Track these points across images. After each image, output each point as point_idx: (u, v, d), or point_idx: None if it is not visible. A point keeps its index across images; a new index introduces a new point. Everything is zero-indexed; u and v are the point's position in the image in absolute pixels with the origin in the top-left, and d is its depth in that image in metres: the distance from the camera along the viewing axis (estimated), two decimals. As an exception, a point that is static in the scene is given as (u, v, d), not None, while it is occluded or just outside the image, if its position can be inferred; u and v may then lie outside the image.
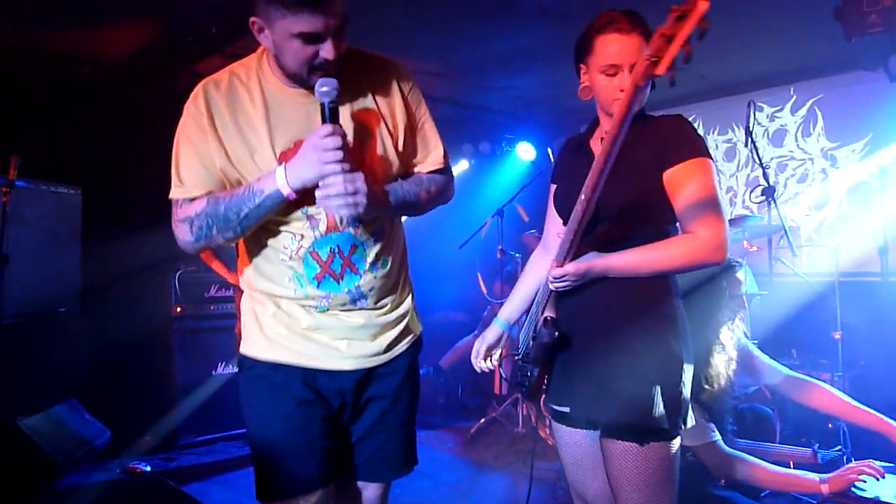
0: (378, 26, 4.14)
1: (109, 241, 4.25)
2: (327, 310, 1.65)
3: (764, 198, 3.68)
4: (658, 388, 1.60)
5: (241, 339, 1.74)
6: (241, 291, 1.77)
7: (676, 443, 1.65)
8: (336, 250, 1.63)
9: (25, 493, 3.32)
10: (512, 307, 2.08)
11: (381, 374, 1.73)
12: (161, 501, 2.53)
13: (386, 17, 3.97)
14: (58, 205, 4.15)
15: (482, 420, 4.89)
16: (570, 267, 1.63)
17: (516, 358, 1.96)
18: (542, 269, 1.89)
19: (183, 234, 1.61)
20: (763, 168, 3.72)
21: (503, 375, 5.23)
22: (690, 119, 6.09)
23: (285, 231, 1.63)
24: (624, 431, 1.62)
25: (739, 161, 5.82)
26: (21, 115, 4.30)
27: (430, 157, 1.79)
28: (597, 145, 1.81)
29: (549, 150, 5.04)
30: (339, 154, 1.47)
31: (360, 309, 1.68)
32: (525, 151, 6.31)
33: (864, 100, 5.05)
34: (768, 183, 3.64)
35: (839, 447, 2.79)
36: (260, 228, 1.63)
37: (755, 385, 2.70)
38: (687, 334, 1.71)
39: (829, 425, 3.90)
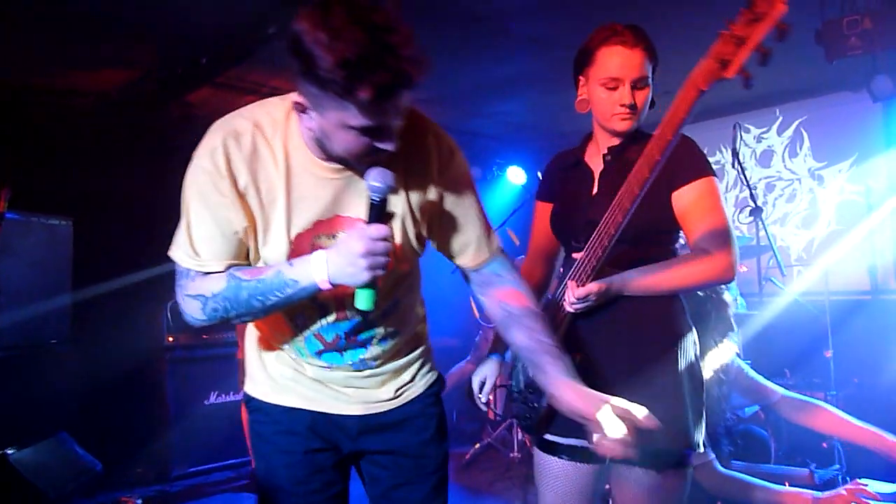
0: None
1: (100, 271, 4.25)
2: (331, 370, 1.52)
3: (752, 218, 3.71)
4: (691, 410, 1.60)
5: (242, 362, 1.67)
6: None
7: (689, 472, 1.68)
8: (343, 334, 1.47)
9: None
10: None
11: (392, 421, 1.56)
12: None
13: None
14: (49, 236, 4.15)
15: (477, 445, 4.85)
16: (594, 286, 1.57)
17: (514, 388, 1.84)
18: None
19: (193, 311, 1.37)
20: (751, 189, 3.75)
21: (494, 409, 5.21)
22: (678, 141, 6.07)
23: (292, 316, 1.45)
24: (663, 459, 1.58)
25: (728, 182, 5.87)
26: (11, 146, 4.31)
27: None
28: (594, 162, 1.77)
29: (540, 174, 5.07)
30: (388, 260, 1.26)
31: (367, 369, 1.53)
32: (516, 176, 6.35)
33: (849, 120, 5.12)
34: (756, 203, 3.67)
35: (836, 466, 2.79)
36: None
37: (752, 404, 2.70)
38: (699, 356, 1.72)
39: (824, 444, 3.89)
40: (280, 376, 1.54)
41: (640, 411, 1.29)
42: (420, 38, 1.17)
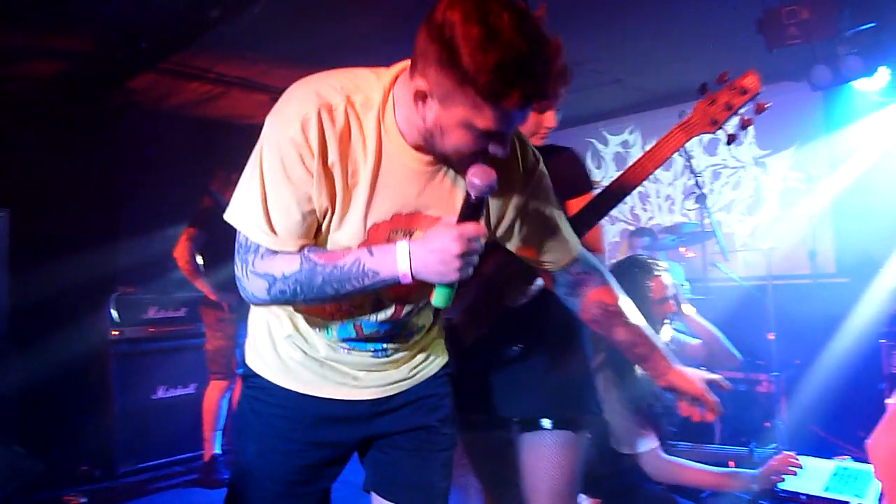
0: (319, 44, 4.12)
1: (40, 263, 4.10)
2: (348, 354, 1.46)
3: (698, 205, 3.78)
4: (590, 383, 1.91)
5: (211, 352, 1.62)
6: (210, 309, 1.65)
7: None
8: (383, 331, 1.44)
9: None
10: None
11: (405, 402, 1.52)
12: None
13: (324, 30, 3.96)
14: (-16, 227, 3.99)
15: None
16: (536, 284, 1.77)
17: None
18: None
19: (257, 289, 1.28)
20: (696, 176, 3.83)
21: None
22: (627, 130, 6.17)
23: (341, 304, 1.38)
24: (569, 422, 1.82)
25: (676, 170, 5.97)
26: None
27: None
28: None
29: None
30: (477, 260, 1.21)
31: (383, 357, 1.48)
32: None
33: (791, 109, 5.25)
34: (701, 191, 3.74)
35: (774, 445, 2.88)
36: None
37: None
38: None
39: (767, 424, 4.02)
40: (289, 358, 1.45)
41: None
42: (367, 21, 1.15)
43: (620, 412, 2.26)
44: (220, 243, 4.27)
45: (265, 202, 1.23)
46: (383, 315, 1.40)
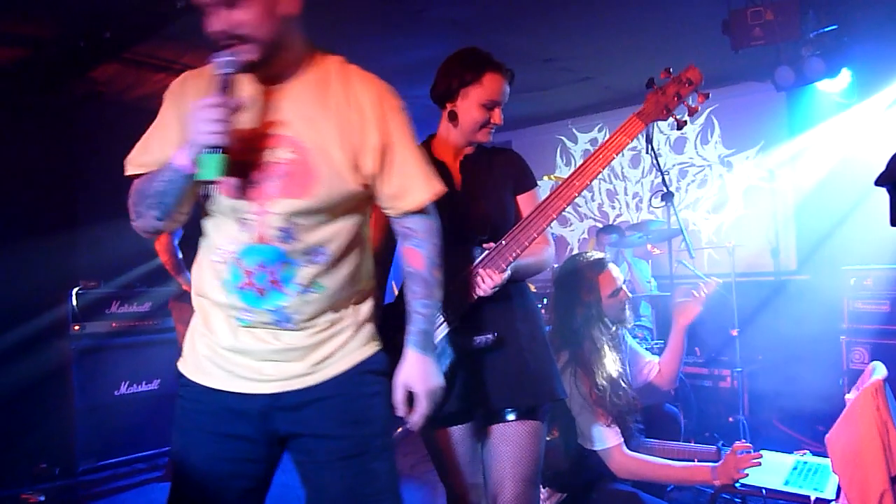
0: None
1: (-1, 257, 3.99)
2: (250, 326, 1.47)
3: (664, 203, 3.82)
4: (555, 371, 1.96)
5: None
6: (186, 304, 1.67)
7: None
8: (263, 264, 1.44)
9: None
10: None
11: (306, 400, 1.48)
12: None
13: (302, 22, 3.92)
14: (-62, 220, 3.88)
15: (399, 429, 4.84)
16: (508, 274, 1.84)
17: None
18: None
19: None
20: (663, 174, 3.86)
21: None
22: (596, 127, 6.21)
23: (222, 233, 1.47)
24: (536, 411, 1.91)
25: (644, 168, 6.04)
26: None
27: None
28: (446, 161, 2.00)
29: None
30: (225, 125, 1.31)
31: (285, 330, 1.47)
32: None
33: (756, 109, 5.35)
34: (667, 189, 3.78)
35: (742, 440, 2.92)
36: (205, 227, 1.52)
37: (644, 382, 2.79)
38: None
39: (730, 419, 4.09)
40: (203, 355, 1.51)
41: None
42: (334, 18, 1.14)
43: (585, 408, 2.28)
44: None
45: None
46: (248, 235, 1.43)
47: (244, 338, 1.48)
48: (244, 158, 1.40)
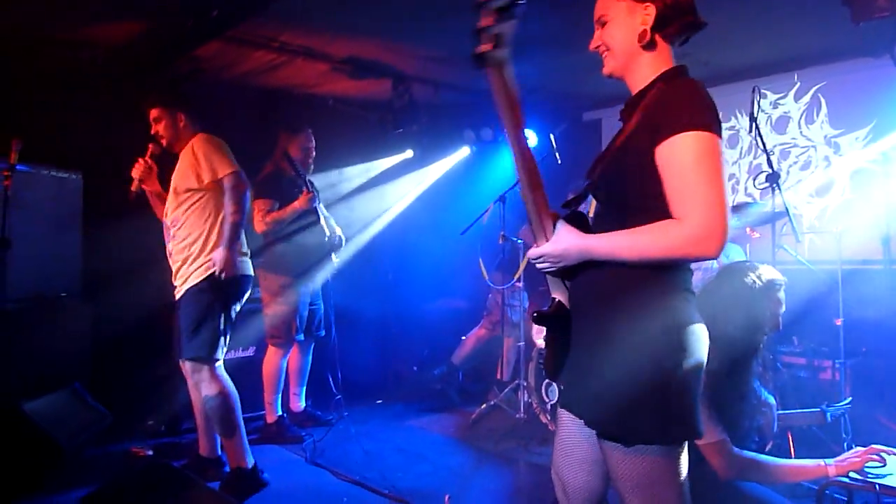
0: (383, 12, 4.11)
1: (111, 224, 4.24)
2: None
3: (767, 184, 3.66)
4: (639, 391, 1.48)
5: (272, 318, 1.97)
6: (272, 275, 2.13)
7: (676, 447, 1.54)
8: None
9: (30, 476, 3.34)
10: None
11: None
12: (164, 484, 2.54)
13: (391, 2, 3.95)
14: (58, 189, 4.15)
15: (483, 406, 4.90)
16: (548, 248, 1.57)
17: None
18: None
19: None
20: (767, 154, 3.69)
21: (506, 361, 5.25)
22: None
23: None
24: (607, 431, 1.56)
25: (742, 148, 5.80)
26: (22, 99, 4.28)
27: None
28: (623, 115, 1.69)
29: (552, 136, 5.01)
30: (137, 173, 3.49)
31: None
32: (527, 138, 6.28)
33: (869, 87, 5.02)
34: (772, 169, 3.61)
35: (849, 399, 2.79)
36: None
37: None
38: (689, 336, 1.52)
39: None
40: None
41: None
42: None
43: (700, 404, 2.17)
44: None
45: None
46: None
47: None
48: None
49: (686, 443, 1.56)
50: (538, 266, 1.63)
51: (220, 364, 3.38)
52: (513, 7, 1.29)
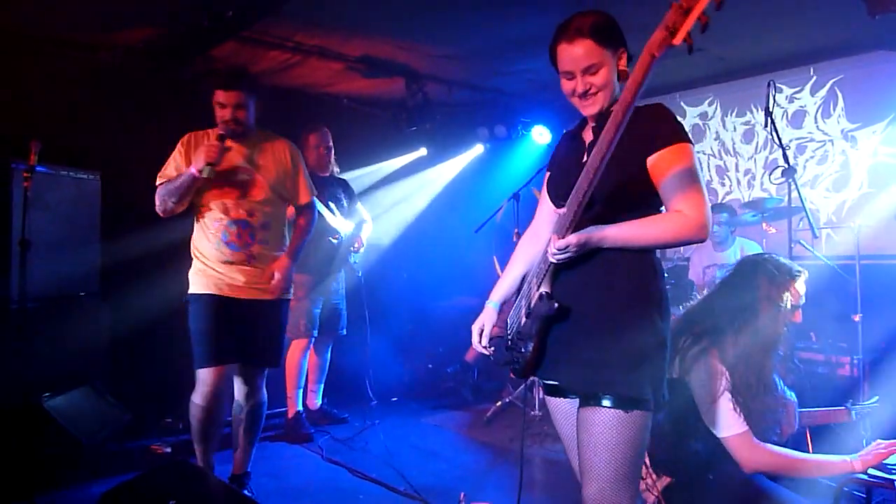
0: (397, 11, 4.12)
1: (128, 225, 4.29)
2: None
3: (784, 179, 3.63)
4: (645, 362, 1.73)
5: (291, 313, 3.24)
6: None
7: (646, 412, 1.74)
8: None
9: (51, 472, 3.39)
10: (504, 288, 2.21)
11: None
12: (183, 480, 2.57)
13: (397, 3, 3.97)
14: (77, 190, 4.19)
15: (498, 403, 4.90)
16: (573, 238, 1.72)
17: (508, 336, 2.08)
18: (531, 251, 2.09)
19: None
20: (783, 148, 3.66)
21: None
22: (706, 101, 5.96)
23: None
24: (614, 400, 1.72)
25: (758, 143, 5.76)
26: (40, 100, 4.34)
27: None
28: (588, 135, 1.94)
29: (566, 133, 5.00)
30: (215, 154, 2.90)
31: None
32: (541, 135, 6.27)
33: (886, 80, 4.97)
34: (788, 164, 3.58)
35: (877, 398, 2.76)
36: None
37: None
38: (669, 314, 1.83)
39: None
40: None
41: None
42: None
43: (719, 396, 2.16)
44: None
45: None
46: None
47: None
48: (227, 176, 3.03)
49: (651, 409, 1.74)
50: (558, 257, 1.76)
51: None
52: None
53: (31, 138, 3.46)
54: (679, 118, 1.85)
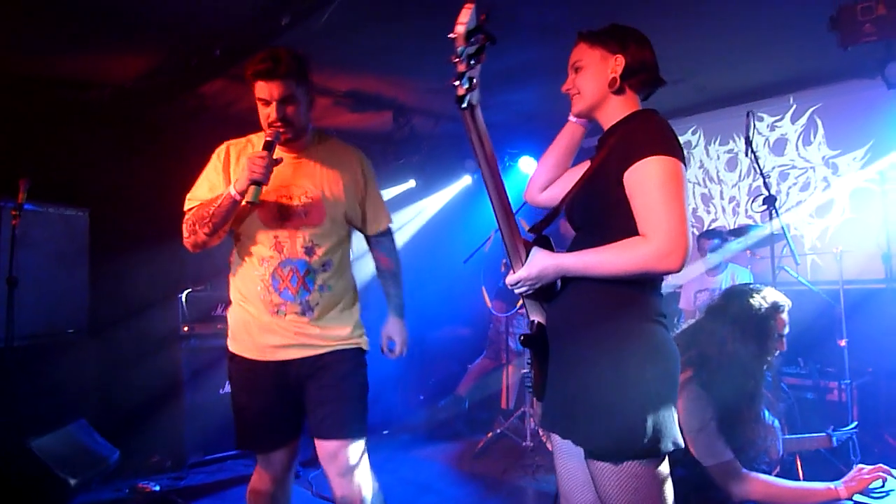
0: (380, 45, 4.19)
1: (117, 261, 4.30)
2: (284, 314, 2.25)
3: (766, 207, 3.69)
4: (619, 409, 1.53)
5: None
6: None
7: (659, 462, 1.57)
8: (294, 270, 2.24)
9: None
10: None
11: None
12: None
13: (388, 35, 4.03)
14: (65, 227, 4.20)
15: (490, 434, 4.88)
16: (523, 272, 1.64)
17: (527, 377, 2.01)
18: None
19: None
20: (764, 177, 3.73)
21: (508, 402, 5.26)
22: (690, 130, 6.00)
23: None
24: (596, 452, 1.58)
25: (741, 171, 5.84)
26: (29, 138, 4.36)
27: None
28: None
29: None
30: (266, 171, 2.04)
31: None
32: (528, 166, 6.35)
33: (864, 107, 5.08)
34: (769, 192, 3.65)
35: (854, 424, 2.78)
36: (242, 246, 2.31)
37: None
38: (665, 356, 1.60)
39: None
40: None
41: None
42: (428, 25, 1.21)
43: (706, 425, 2.17)
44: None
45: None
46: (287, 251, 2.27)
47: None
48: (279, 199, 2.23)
49: (666, 456, 1.58)
50: (517, 291, 1.69)
51: None
52: (482, 53, 1.43)
53: (20, 176, 3.48)
54: (670, 127, 1.64)
